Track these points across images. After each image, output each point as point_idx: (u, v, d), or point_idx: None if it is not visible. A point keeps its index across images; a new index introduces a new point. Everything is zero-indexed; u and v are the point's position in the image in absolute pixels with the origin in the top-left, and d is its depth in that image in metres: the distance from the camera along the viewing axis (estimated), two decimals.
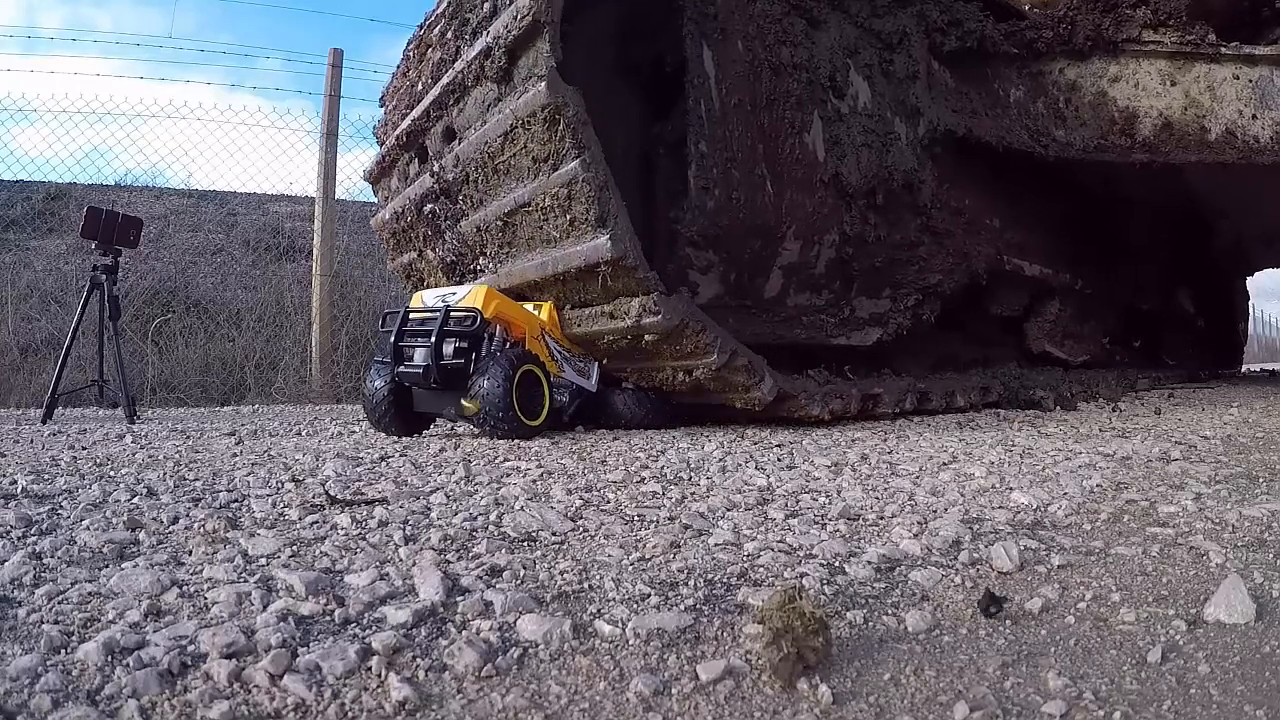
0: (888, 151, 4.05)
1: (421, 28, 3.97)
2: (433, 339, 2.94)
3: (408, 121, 3.75)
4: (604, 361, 3.41)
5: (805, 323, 3.99)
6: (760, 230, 3.54)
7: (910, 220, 4.33)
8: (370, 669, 0.87)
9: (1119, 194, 5.97)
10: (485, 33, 3.04)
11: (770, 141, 3.51)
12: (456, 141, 3.33)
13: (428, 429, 3.36)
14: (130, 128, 14.25)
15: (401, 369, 3.05)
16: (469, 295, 3.04)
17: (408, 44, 4.19)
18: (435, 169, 3.53)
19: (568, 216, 2.94)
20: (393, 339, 3.09)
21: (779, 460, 2.44)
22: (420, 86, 3.75)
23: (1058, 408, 4.53)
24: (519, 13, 2.82)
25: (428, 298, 3.18)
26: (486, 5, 3.13)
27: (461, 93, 3.24)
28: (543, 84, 2.77)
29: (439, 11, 3.67)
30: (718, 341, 3.03)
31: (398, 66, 4.28)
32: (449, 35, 3.43)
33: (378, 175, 4.38)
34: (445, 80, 3.33)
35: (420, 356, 3.00)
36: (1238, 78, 4.39)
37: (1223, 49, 4.40)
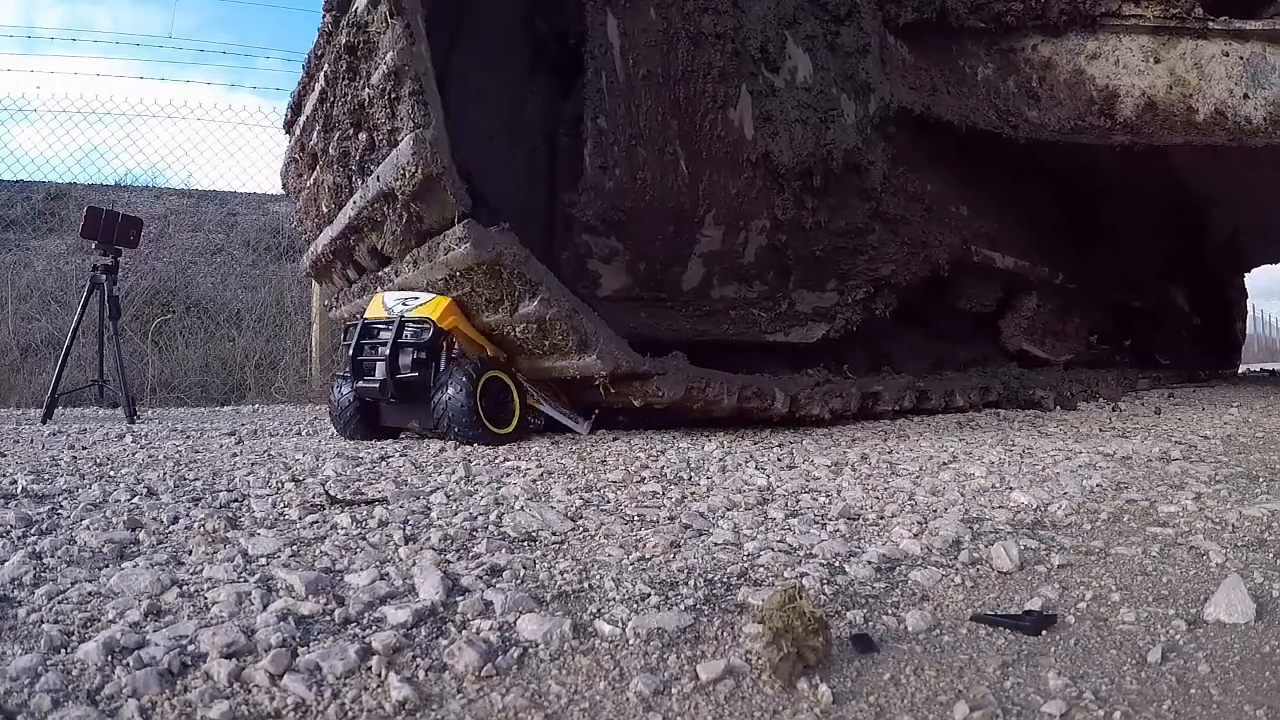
0: (827, 128, 3.66)
1: (295, 123, 3.48)
2: (388, 352, 2.83)
3: (327, 239, 3.45)
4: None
5: (734, 317, 3.65)
6: (672, 214, 3.23)
7: (857, 205, 3.94)
8: (370, 669, 0.87)
9: (1102, 182, 5.66)
10: (374, 174, 2.76)
11: (686, 117, 3.21)
12: (392, 271, 3.06)
13: (395, 438, 3.22)
14: (130, 128, 14.24)
15: (360, 384, 2.95)
16: (427, 304, 2.86)
17: (286, 124, 3.70)
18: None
19: (546, 342, 2.82)
20: (350, 352, 2.97)
21: (779, 460, 2.44)
22: (323, 206, 3.41)
23: (1058, 407, 4.53)
24: (405, 170, 2.54)
25: (388, 299, 2.99)
26: (362, 136, 2.83)
27: (374, 225, 2.97)
28: (467, 244, 2.55)
29: (308, 114, 3.20)
30: (725, 388, 3.17)
31: (288, 156, 3.76)
32: (332, 154, 3.07)
33: (315, 274, 4.08)
34: (351, 212, 3.04)
35: (378, 371, 2.89)
36: (1227, 55, 4.10)
37: (1210, 24, 4.10)
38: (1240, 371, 11.68)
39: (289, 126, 3.59)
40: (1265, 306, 31.43)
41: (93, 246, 4.50)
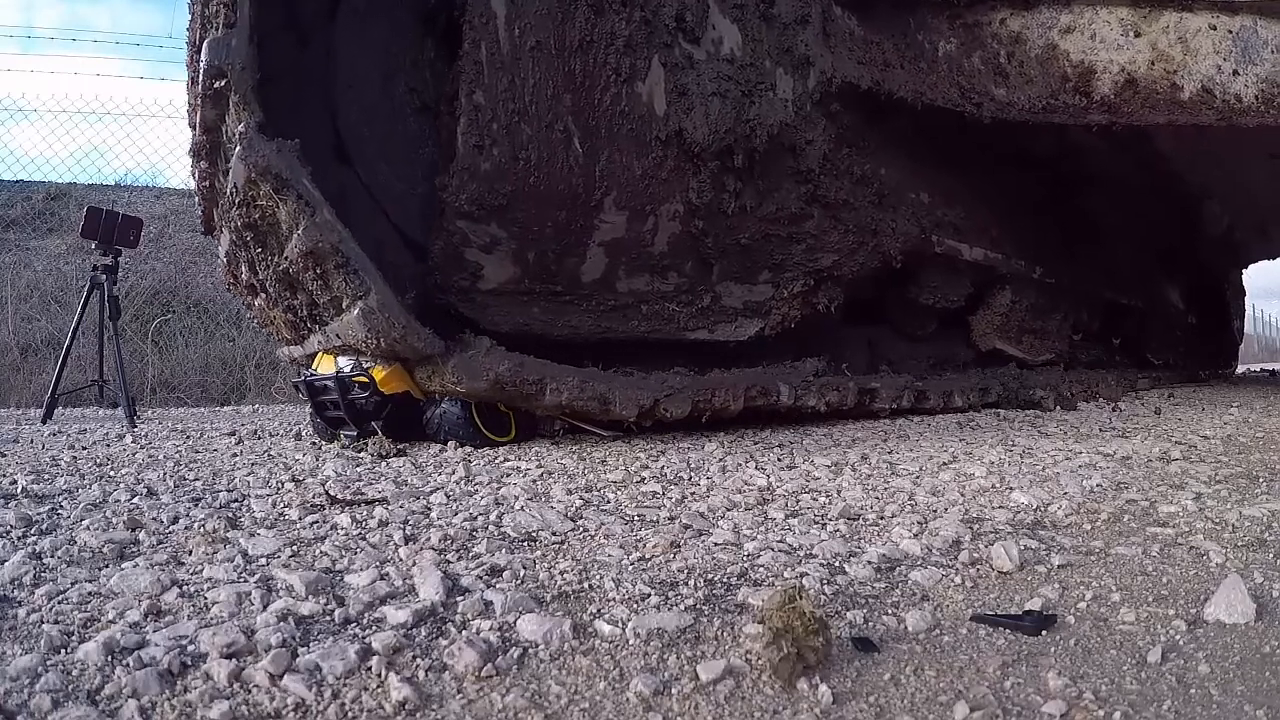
0: (750, 103, 3.33)
1: (215, 236, 3.11)
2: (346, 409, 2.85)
3: (300, 353, 3.32)
4: None
5: (645, 313, 3.35)
6: (564, 198, 2.96)
7: (791, 189, 3.61)
8: (370, 669, 0.87)
9: (1087, 171, 5.30)
10: (330, 329, 2.63)
11: (583, 91, 2.95)
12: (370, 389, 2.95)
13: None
14: (130, 127, 14.28)
15: (342, 434, 3.01)
16: (373, 369, 2.84)
17: (204, 230, 3.28)
18: None
19: (569, 411, 2.89)
20: (311, 410, 3.02)
21: (779, 460, 2.44)
22: (282, 331, 3.24)
23: (1058, 407, 4.53)
24: (364, 341, 2.43)
25: (341, 360, 2.98)
26: (301, 296, 2.66)
27: (348, 350, 2.86)
28: (464, 384, 2.54)
29: (227, 249, 2.87)
30: (730, 393, 3.23)
31: (223, 268, 3.31)
32: (273, 295, 2.85)
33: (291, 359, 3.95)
34: (317, 348, 2.96)
35: (350, 425, 2.93)
36: (1214, 28, 3.80)
37: None
38: (1240, 372, 11.65)
39: (209, 231, 3.15)
40: (1265, 306, 31.34)
41: (93, 246, 4.50)
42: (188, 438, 3.33)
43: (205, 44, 2.24)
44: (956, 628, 1.03)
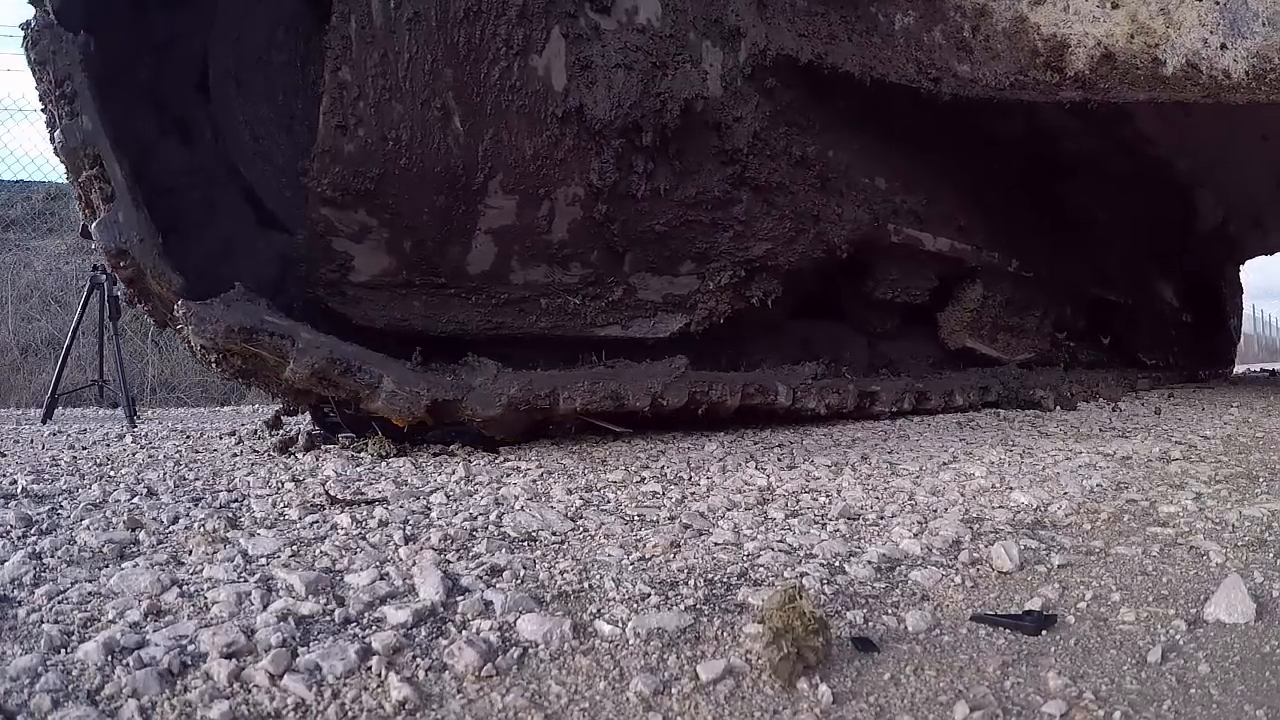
0: (663, 75, 3.07)
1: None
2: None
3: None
4: None
5: (545, 307, 3.13)
6: (441, 181, 2.76)
7: (714, 170, 3.36)
8: (370, 669, 0.87)
9: (1061, 153, 5.05)
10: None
11: (469, 65, 2.75)
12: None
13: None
14: None
15: (341, 435, 2.99)
16: None
17: (159, 325, 3.02)
18: None
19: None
20: (311, 415, 3.03)
21: (779, 460, 2.44)
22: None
23: (1058, 407, 4.53)
24: (382, 411, 2.46)
25: None
26: (315, 397, 2.60)
27: None
28: (481, 414, 2.57)
29: (223, 374, 2.65)
30: (728, 388, 3.21)
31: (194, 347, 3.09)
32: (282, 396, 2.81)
33: None
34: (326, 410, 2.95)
35: (347, 430, 2.92)
36: None
37: None
38: (1239, 372, 11.63)
39: (162, 326, 2.90)
40: (1265, 306, 31.26)
41: (93, 247, 4.50)
42: (188, 438, 3.33)
43: (94, 228, 2.21)
44: (956, 628, 1.03)
